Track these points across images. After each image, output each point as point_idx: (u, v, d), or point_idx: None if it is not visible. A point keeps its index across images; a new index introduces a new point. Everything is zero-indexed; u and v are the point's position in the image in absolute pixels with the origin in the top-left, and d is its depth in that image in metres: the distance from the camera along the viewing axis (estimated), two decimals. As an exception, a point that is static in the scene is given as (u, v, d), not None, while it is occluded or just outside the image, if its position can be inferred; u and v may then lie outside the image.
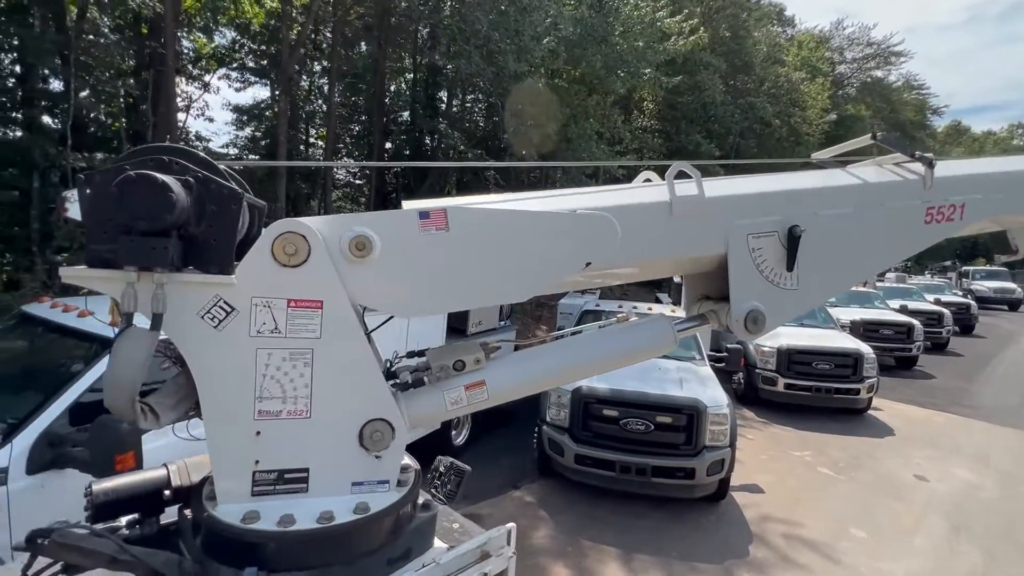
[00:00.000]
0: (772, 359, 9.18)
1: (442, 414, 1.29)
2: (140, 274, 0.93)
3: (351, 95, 20.15)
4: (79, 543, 0.94)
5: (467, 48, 10.78)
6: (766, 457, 7.28)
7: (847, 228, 1.64)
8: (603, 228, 1.33)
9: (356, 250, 1.10)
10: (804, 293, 1.58)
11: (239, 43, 17.46)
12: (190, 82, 17.24)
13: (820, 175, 1.80)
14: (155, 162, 0.98)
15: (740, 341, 9.98)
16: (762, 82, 25.32)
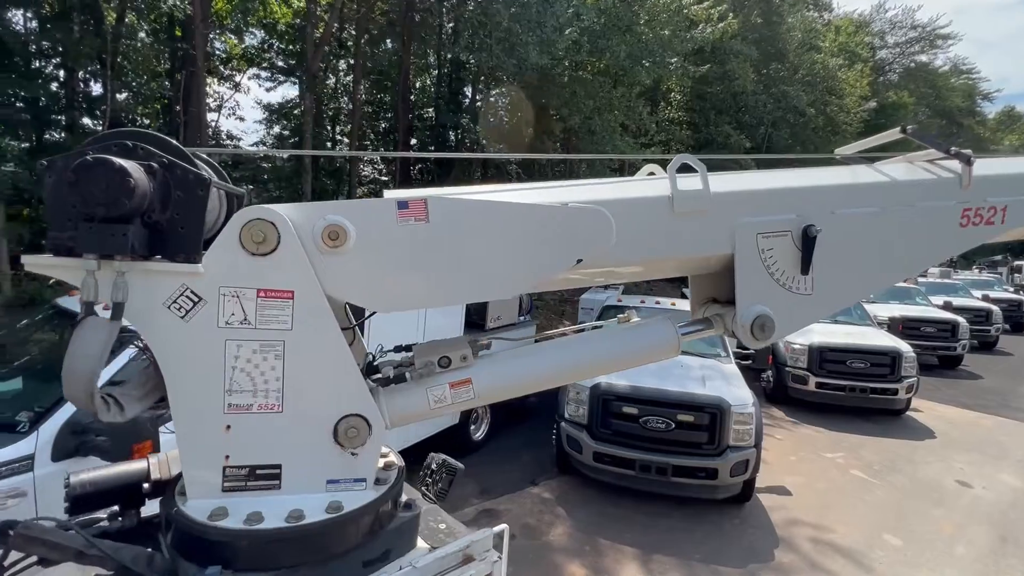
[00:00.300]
0: (803, 357, 8.83)
1: (425, 412, 1.23)
2: (101, 262, 0.91)
3: (377, 92, 20.37)
4: (44, 536, 0.92)
5: (488, 41, 10.69)
6: (795, 458, 7.02)
7: (870, 229, 1.50)
8: (596, 223, 1.25)
9: (329, 240, 1.05)
10: (820, 298, 1.46)
11: (267, 43, 17.83)
12: (222, 82, 17.73)
13: (843, 172, 1.67)
14: (119, 147, 0.96)
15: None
16: (796, 70, 24.36)
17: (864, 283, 1.55)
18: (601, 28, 12.20)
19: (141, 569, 0.98)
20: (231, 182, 1.24)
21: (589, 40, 12.12)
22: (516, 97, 14.66)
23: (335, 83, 19.30)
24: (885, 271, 1.56)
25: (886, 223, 1.52)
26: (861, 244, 1.50)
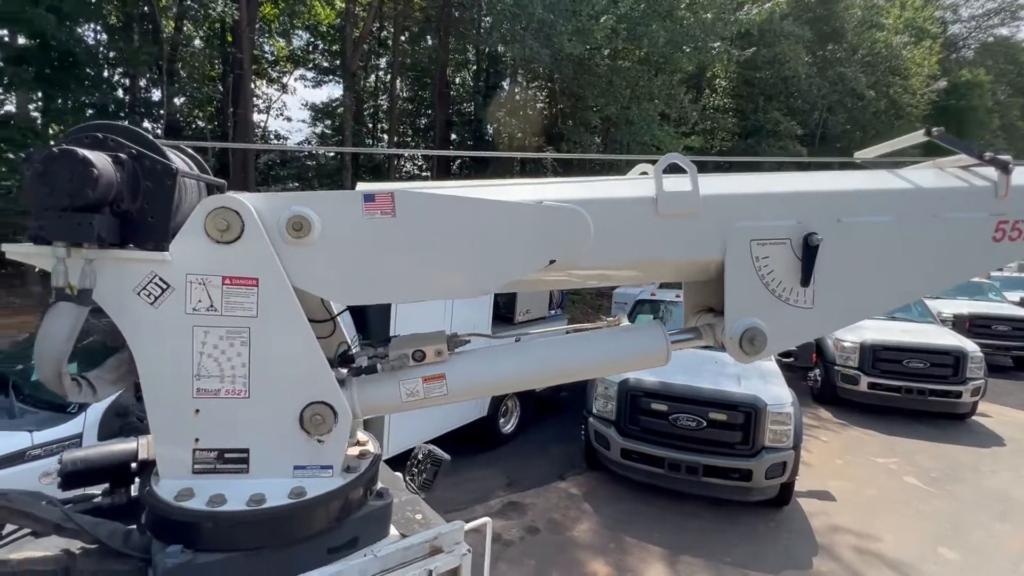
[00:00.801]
0: (854, 355, 8.31)
1: (396, 404, 1.22)
2: (70, 249, 0.95)
3: (417, 89, 20.69)
4: (25, 508, 0.98)
5: (521, 32, 10.60)
6: (842, 462, 6.63)
7: (883, 240, 1.37)
8: (571, 223, 1.19)
9: (293, 230, 1.06)
10: (821, 313, 1.34)
11: (312, 44, 18.44)
12: (270, 84, 18.52)
13: (857, 176, 1.52)
14: (91, 139, 0.99)
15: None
16: (855, 50, 22.83)
17: (874, 299, 1.41)
18: (640, 14, 11.84)
19: (116, 545, 1.02)
20: (276, 178, 1.27)
21: (627, 27, 11.80)
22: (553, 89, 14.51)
23: (375, 81, 19.74)
24: (900, 286, 1.42)
25: (903, 234, 1.38)
26: (872, 256, 1.37)
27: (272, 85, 18.79)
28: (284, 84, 18.93)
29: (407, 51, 18.05)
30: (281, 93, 19.04)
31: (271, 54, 18.21)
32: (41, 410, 3.14)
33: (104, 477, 1.19)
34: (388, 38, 18.37)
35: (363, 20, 15.38)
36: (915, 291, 1.50)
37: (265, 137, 17.19)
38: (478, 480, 5.74)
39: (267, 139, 17.19)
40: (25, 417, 3.05)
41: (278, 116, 19.85)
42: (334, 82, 19.43)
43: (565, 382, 1.44)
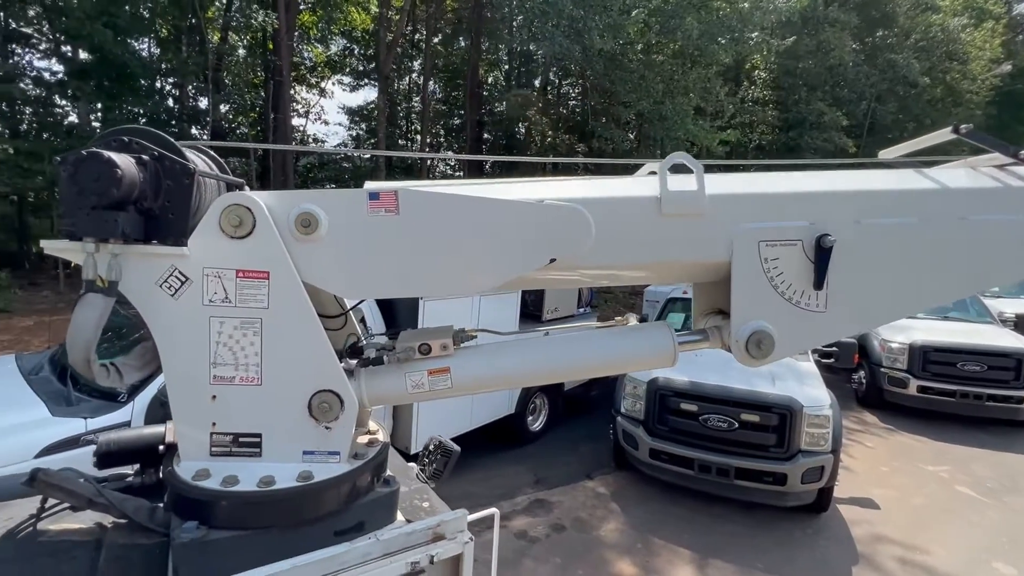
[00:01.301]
0: (902, 357, 7.89)
1: (403, 396, 1.26)
2: (98, 245, 1.02)
3: (450, 90, 20.94)
4: (61, 483, 1.07)
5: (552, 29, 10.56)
6: (887, 469, 6.31)
7: (905, 243, 1.30)
8: (571, 222, 1.19)
9: (301, 227, 1.11)
10: (834, 318, 1.29)
11: (348, 49, 18.96)
12: (310, 89, 19.16)
13: (880, 176, 1.46)
14: (117, 142, 1.07)
15: (861, 335, 8.73)
16: (907, 35, 21.57)
17: (892, 304, 1.35)
18: (672, 7, 11.57)
19: (142, 520, 1.10)
20: (315, 180, 1.34)
21: (659, 21, 11.57)
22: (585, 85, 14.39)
23: (408, 83, 20.09)
24: (923, 291, 1.35)
25: (926, 237, 1.31)
26: (892, 259, 1.30)
27: (311, 90, 19.45)
28: (322, 89, 19.56)
29: (439, 52, 18.30)
30: (319, 97, 19.69)
31: (309, 60, 18.83)
32: (95, 398, 3.36)
33: (135, 458, 1.28)
34: (421, 40, 18.67)
35: (396, 24, 15.69)
36: (938, 297, 1.42)
37: (304, 140, 17.80)
38: (505, 476, 5.78)
39: (305, 142, 17.80)
40: (80, 405, 3.28)
41: (316, 120, 20.52)
42: (370, 85, 19.94)
43: (570, 379, 1.44)
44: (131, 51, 11.37)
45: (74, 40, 10.84)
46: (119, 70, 10.90)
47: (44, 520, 1.17)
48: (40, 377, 3.61)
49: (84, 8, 10.17)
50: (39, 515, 1.17)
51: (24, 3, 11.37)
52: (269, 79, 15.11)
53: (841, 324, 1.33)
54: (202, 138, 13.04)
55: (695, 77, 13.84)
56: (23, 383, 3.47)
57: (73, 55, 11.41)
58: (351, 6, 17.71)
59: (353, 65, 19.79)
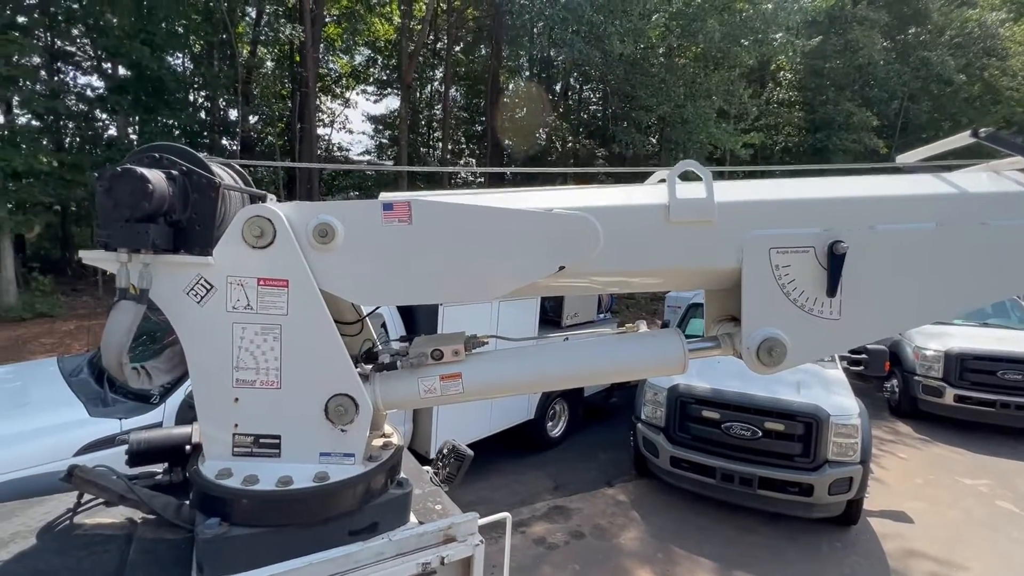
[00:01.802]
0: (937, 365, 7.59)
1: (415, 400, 1.29)
2: (131, 255, 1.09)
3: (471, 97, 21.17)
4: (95, 479, 1.14)
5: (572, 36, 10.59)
6: (922, 481, 6.08)
7: (922, 249, 1.28)
8: (580, 230, 1.22)
9: (319, 237, 1.16)
10: (848, 325, 1.27)
11: (371, 59, 19.36)
12: (333, 99, 19.62)
13: (896, 182, 1.43)
14: (149, 159, 1.14)
15: (893, 342, 8.44)
16: (941, 31, 20.87)
17: (911, 311, 1.32)
18: (694, 10, 11.47)
19: (169, 516, 1.15)
20: (339, 188, 1.39)
21: (680, 24, 11.48)
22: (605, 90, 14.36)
23: (430, 91, 20.37)
24: (943, 299, 1.32)
25: (945, 243, 1.28)
26: (909, 266, 1.28)
27: (335, 100, 19.92)
28: (346, 99, 20.01)
29: (461, 61, 18.54)
30: (344, 107, 20.15)
31: (334, 71, 19.30)
32: (129, 400, 3.51)
33: (163, 457, 1.34)
34: (442, 49, 18.95)
35: (418, 33, 15.97)
36: (958, 304, 1.39)
37: (329, 149, 18.23)
38: (524, 483, 5.77)
39: (331, 151, 18.22)
40: (116, 406, 3.42)
41: (340, 129, 21.01)
42: (392, 95, 20.33)
43: (580, 385, 1.46)
44: (166, 66, 11.87)
45: (114, 57, 11.38)
46: (155, 84, 11.39)
47: (80, 514, 1.24)
48: (79, 379, 3.78)
49: (123, 27, 10.68)
50: (75, 510, 1.24)
51: (69, 23, 12.00)
52: (296, 90, 15.55)
53: (856, 332, 1.31)
54: (232, 148, 13.50)
55: (718, 80, 13.67)
56: (64, 385, 3.64)
57: (113, 71, 11.97)
58: (374, 18, 18.11)
59: (376, 75, 20.21)
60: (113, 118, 12.38)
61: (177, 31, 12.47)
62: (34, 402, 3.41)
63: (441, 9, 16.34)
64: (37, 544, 1.13)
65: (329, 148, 18.73)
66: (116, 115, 12.09)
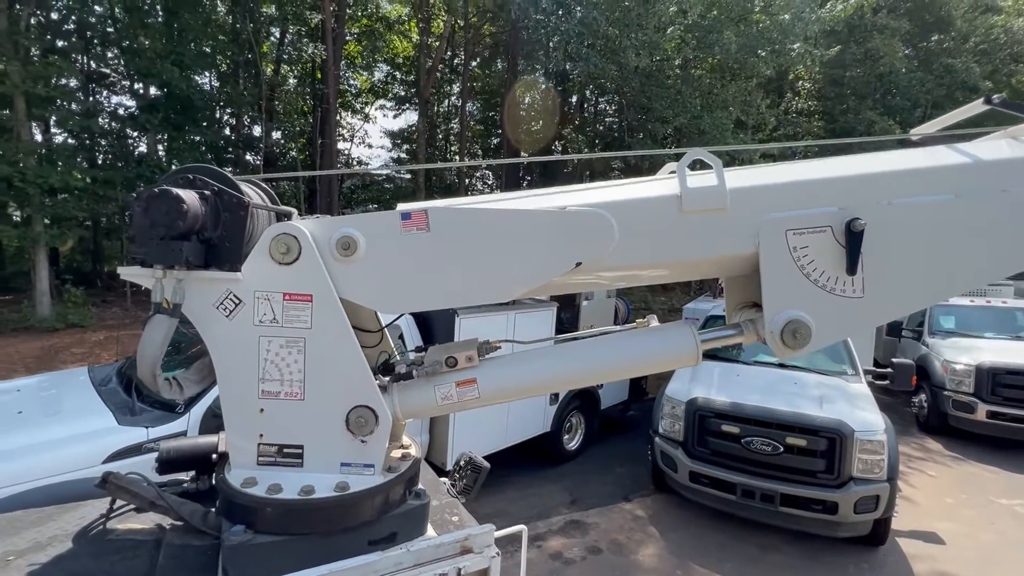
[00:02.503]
0: (968, 379, 7.35)
1: (433, 408, 1.32)
2: (165, 271, 1.14)
3: (487, 111, 21.44)
4: (128, 486, 1.19)
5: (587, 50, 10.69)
6: (953, 501, 5.86)
7: (942, 221, 1.26)
8: (594, 226, 1.23)
9: (342, 249, 1.20)
10: (873, 302, 1.26)
11: (390, 75, 19.79)
12: (353, 115, 20.07)
13: (911, 155, 1.42)
14: (183, 179, 1.20)
15: (920, 356, 8.21)
16: (966, 38, 20.49)
17: (933, 285, 1.31)
18: (710, 22, 11.48)
19: (196, 522, 1.19)
20: (358, 201, 1.45)
21: (696, 36, 11.49)
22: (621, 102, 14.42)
23: (448, 106, 20.69)
24: (963, 270, 1.30)
25: (965, 213, 1.27)
26: (930, 239, 1.27)
27: (355, 116, 20.37)
28: (366, 114, 20.45)
29: (477, 75, 18.83)
30: (363, 122, 20.58)
31: (354, 88, 19.76)
32: (156, 409, 3.60)
33: (191, 465, 1.39)
34: (459, 65, 19.28)
35: (436, 50, 16.28)
36: (982, 275, 1.35)
37: (348, 163, 18.61)
38: (541, 496, 5.73)
39: (350, 165, 18.61)
40: (143, 414, 3.52)
41: (360, 143, 21.48)
42: (410, 109, 20.72)
43: (595, 383, 1.46)
44: (194, 86, 12.32)
45: (145, 77, 11.86)
46: (183, 103, 11.82)
47: (112, 520, 1.29)
48: (109, 388, 3.90)
49: (155, 48, 11.14)
50: (108, 515, 1.29)
51: (105, 46, 12.56)
52: (317, 107, 15.96)
53: (880, 309, 1.29)
54: (255, 163, 13.88)
55: (735, 90, 13.60)
56: (95, 394, 3.76)
57: (144, 91, 12.46)
58: (393, 35, 18.55)
59: (395, 91, 20.64)
60: (143, 135, 12.86)
61: (205, 52, 12.95)
62: (66, 410, 3.53)
63: (458, 26, 16.66)
64: (73, 548, 1.18)
65: (349, 162, 19.12)
66: (146, 132, 12.57)
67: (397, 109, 21.17)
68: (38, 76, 9.31)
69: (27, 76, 9.20)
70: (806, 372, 5.68)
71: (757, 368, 5.86)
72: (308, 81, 16.50)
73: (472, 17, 16.66)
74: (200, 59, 12.55)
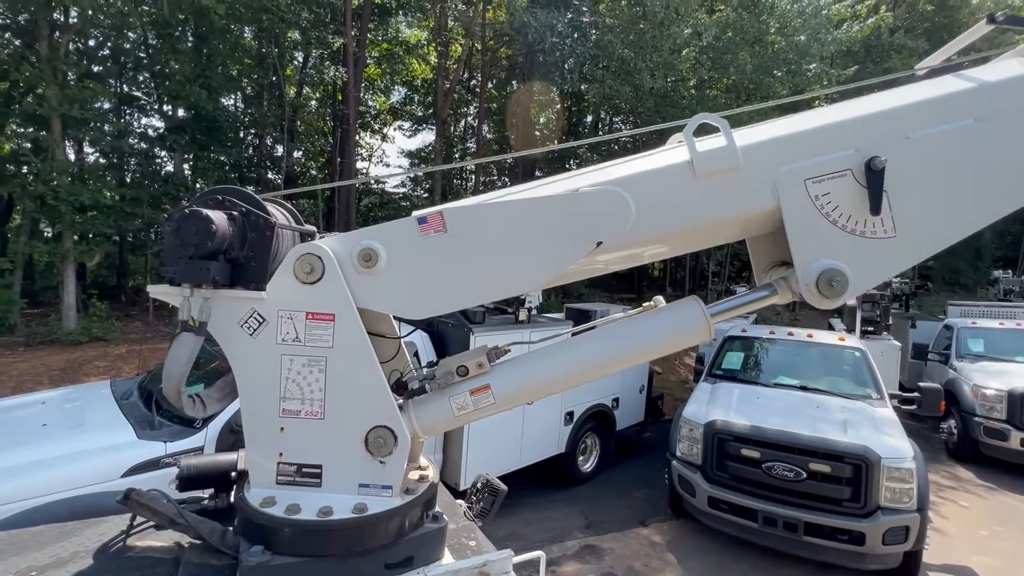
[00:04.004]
0: (999, 405, 7.08)
1: (451, 420, 1.30)
2: (193, 290, 1.17)
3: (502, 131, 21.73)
4: (149, 503, 1.19)
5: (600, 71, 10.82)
6: (988, 533, 5.60)
7: (966, 147, 1.24)
8: (610, 203, 1.23)
9: (364, 261, 1.22)
10: (908, 240, 1.23)
11: (408, 96, 20.24)
12: (372, 135, 20.52)
13: (923, 88, 1.38)
14: (213, 200, 1.23)
15: (948, 380, 7.94)
16: (986, 59, 20.29)
17: (966, 213, 1.27)
18: (724, 44, 11.55)
19: (215, 541, 1.19)
20: (375, 220, 1.47)
21: (711, 57, 11.57)
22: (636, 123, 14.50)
23: (464, 126, 21.03)
24: (995, 194, 1.27)
25: (987, 136, 1.24)
26: (955, 167, 1.24)
27: (374, 136, 20.82)
28: (384, 134, 20.88)
29: (494, 96, 19.16)
30: (381, 142, 21.02)
31: (373, 109, 20.24)
32: (174, 424, 3.64)
33: (211, 483, 1.39)
34: (476, 86, 19.65)
35: (453, 72, 16.64)
36: (1015, 198, 1.31)
37: (366, 182, 18.96)
38: (555, 519, 5.62)
39: (368, 184, 18.96)
40: (162, 429, 3.56)
41: (378, 163, 21.88)
42: (427, 129, 21.11)
43: (608, 372, 1.43)
44: (220, 107, 12.75)
45: (174, 100, 12.31)
46: (210, 124, 12.21)
47: (131, 537, 1.29)
48: (130, 402, 3.96)
49: (184, 72, 11.58)
50: (128, 532, 1.30)
51: (137, 70, 13.09)
52: (337, 127, 16.35)
53: (916, 246, 1.26)
54: (276, 181, 14.21)
55: (751, 110, 13.54)
56: (116, 407, 3.82)
57: (173, 113, 12.92)
58: (412, 59, 19.02)
59: (412, 111, 21.08)
60: (171, 155, 13.29)
61: (232, 75, 13.41)
62: (89, 423, 3.59)
63: (476, 49, 17.04)
64: (94, 564, 1.19)
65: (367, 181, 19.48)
66: (173, 152, 12.99)
67: (414, 129, 21.61)
68: (74, 99, 9.72)
69: (64, 99, 9.61)
70: (829, 395, 5.54)
71: (777, 390, 5.73)
72: (329, 102, 16.96)
73: (489, 40, 17.04)
74: (227, 82, 13.00)
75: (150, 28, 11.87)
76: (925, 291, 17.60)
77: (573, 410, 6.20)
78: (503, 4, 15.67)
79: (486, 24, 15.87)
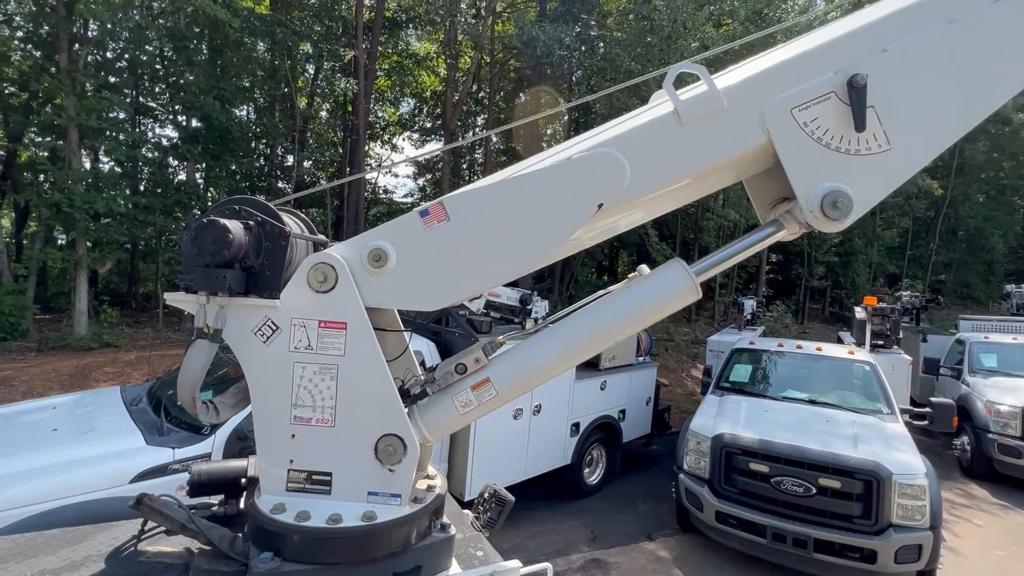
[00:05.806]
0: (1014, 422, 6.96)
1: (456, 418, 1.31)
2: (209, 297, 1.19)
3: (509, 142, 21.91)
4: (161, 509, 1.20)
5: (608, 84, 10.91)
6: (1004, 554, 5.47)
7: (944, 50, 1.24)
8: (603, 164, 1.25)
9: (374, 261, 1.24)
10: (903, 150, 1.25)
11: (417, 108, 20.49)
12: (381, 145, 20.76)
13: (889, 1, 1.38)
14: (230, 210, 1.26)
15: (961, 395, 7.82)
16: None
17: (957, 114, 1.28)
18: (732, 56, 11.63)
19: (224, 548, 1.20)
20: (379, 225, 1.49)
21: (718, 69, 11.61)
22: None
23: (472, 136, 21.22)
24: (984, 89, 1.27)
25: (965, 35, 1.25)
26: (941, 70, 1.25)
27: (383, 146, 21.06)
28: (393, 145, 21.12)
29: (501, 107, 19.35)
30: (391, 152, 21.25)
31: (383, 120, 20.49)
32: (183, 430, 3.67)
33: (221, 489, 1.41)
34: (484, 97, 19.85)
35: (462, 84, 16.84)
36: (1003, 90, 1.30)
37: (375, 192, 19.15)
38: (561, 532, 5.57)
39: (377, 194, 19.14)
40: (170, 435, 3.58)
41: (386, 173, 22.11)
42: (435, 140, 21.32)
43: (605, 348, 1.44)
44: (233, 118, 12.97)
45: (188, 110, 12.54)
46: (222, 134, 12.42)
47: (142, 542, 1.31)
48: (139, 408, 3.99)
49: (199, 84, 11.81)
50: (139, 537, 1.31)
51: (153, 82, 13.37)
52: (347, 138, 16.57)
53: (914, 154, 1.27)
54: (286, 191, 14.38)
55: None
56: (125, 413, 3.86)
57: (186, 123, 13.16)
58: (422, 71, 19.29)
59: (421, 122, 21.33)
60: (183, 164, 13.50)
61: (245, 86, 13.66)
62: (99, 428, 3.62)
63: (485, 61, 17.25)
64: (106, 568, 1.20)
65: (375, 191, 19.68)
66: (186, 162, 13.20)
67: (422, 139, 21.84)
68: (91, 109, 9.93)
69: (81, 109, 9.83)
70: (838, 409, 5.47)
71: (786, 404, 5.67)
72: (339, 113, 17.20)
73: (498, 53, 17.25)
74: (240, 93, 13.24)
75: (166, 40, 12.13)
76: (936, 305, 17.40)
77: (579, 421, 6.17)
78: (512, 18, 15.88)
79: (495, 37, 16.07)
